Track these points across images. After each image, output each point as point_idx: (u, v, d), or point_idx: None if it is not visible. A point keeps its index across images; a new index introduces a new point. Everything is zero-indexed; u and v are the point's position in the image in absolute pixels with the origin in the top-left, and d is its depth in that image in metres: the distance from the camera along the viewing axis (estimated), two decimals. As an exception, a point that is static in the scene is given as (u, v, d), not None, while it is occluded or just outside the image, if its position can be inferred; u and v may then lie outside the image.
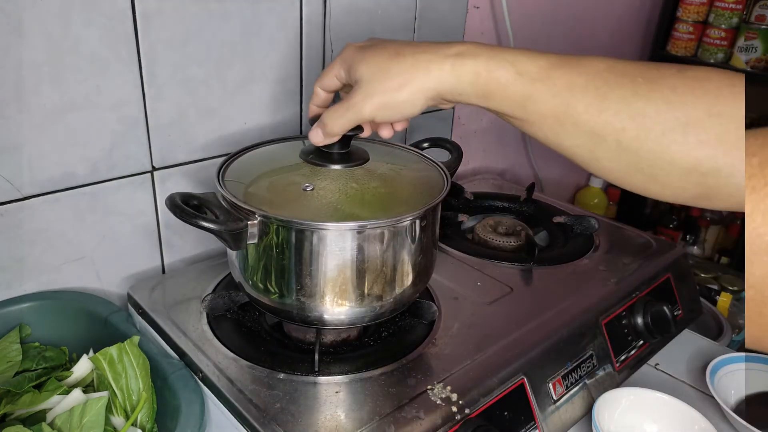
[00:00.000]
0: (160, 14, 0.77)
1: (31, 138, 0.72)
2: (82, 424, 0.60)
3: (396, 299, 0.68)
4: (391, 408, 0.62)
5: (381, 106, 0.57)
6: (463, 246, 0.96)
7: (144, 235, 0.86)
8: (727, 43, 1.71)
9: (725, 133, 0.45)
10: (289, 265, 0.64)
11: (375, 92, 0.56)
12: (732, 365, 0.84)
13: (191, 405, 0.63)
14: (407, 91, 0.55)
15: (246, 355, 0.69)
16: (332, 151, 0.68)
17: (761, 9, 1.65)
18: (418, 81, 0.54)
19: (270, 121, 0.94)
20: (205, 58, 0.83)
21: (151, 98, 0.79)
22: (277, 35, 0.89)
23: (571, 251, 0.97)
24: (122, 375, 0.66)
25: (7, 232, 0.73)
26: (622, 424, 0.74)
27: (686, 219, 1.98)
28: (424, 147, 0.89)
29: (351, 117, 0.59)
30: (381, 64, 0.56)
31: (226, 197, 0.64)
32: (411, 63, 0.55)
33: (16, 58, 0.68)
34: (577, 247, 0.99)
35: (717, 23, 1.71)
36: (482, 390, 0.66)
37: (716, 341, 1.05)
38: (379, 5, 1.01)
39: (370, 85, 0.56)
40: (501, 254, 0.95)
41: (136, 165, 0.82)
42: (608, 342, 0.82)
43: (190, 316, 0.76)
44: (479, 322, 0.77)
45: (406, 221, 0.65)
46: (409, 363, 0.69)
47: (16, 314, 0.74)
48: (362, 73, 0.57)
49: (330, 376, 0.66)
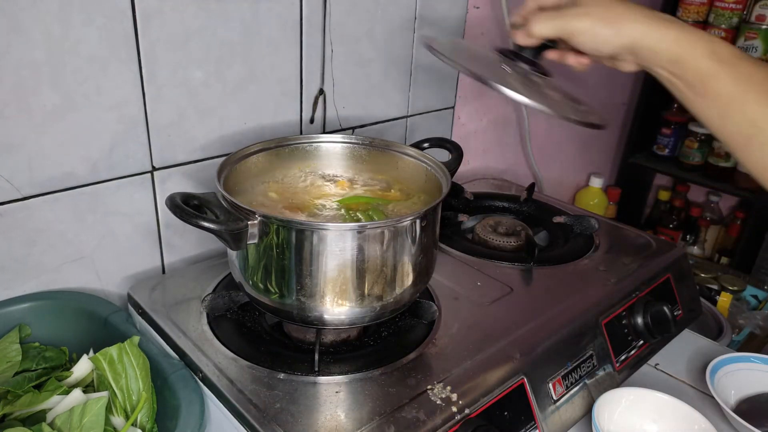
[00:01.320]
0: (160, 14, 0.77)
1: (31, 138, 0.72)
2: (82, 424, 0.60)
3: (396, 299, 0.68)
4: (391, 408, 0.62)
5: (588, 27, 0.61)
6: (463, 246, 0.96)
7: (144, 235, 0.86)
8: (727, 43, 1.71)
9: None
10: (289, 265, 0.64)
11: (590, 13, 0.61)
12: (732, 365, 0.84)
13: (191, 405, 0.63)
14: (615, 27, 0.60)
15: (246, 355, 0.69)
16: (523, 54, 0.69)
17: (761, 9, 1.65)
18: (628, 25, 0.60)
19: (270, 121, 0.94)
20: (205, 58, 0.83)
21: (151, 98, 0.79)
22: (277, 35, 0.89)
23: (571, 251, 0.97)
24: (122, 375, 0.66)
25: (7, 232, 0.73)
26: (622, 424, 0.74)
27: (686, 219, 1.98)
28: (424, 147, 0.89)
29: (558, 24, 0.63)
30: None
31: (226, 197, 0.64)
32: (630, 10, 0.61)
33: (16, 58, 0.68)
34: (577, 247, 0.99)
35: (717, 23, 1.71)
36: (482, 390, 0.66)
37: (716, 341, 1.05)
38: (379, 5, 1.01)
39: (589, 7, 0.62)
40: (501, 254, 0.95)
41: (136, 165, 0.82)
42: (608, 342, 0.82)
43: (190, 316, 0.76)
44: (479, 322, 0.77)
45: (406, 221, 0.65)
46: (409, 363, 0.69)
47: (16, 314, 0.74)
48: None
49: (330, 376, 0.66)
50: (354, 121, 1.06)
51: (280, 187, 0.80)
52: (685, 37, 0.58)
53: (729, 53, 0.57)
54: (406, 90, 1.13)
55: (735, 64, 0.57)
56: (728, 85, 0.56)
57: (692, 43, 0.58)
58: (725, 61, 0.57)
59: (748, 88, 0.56)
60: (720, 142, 0.59)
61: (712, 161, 1.83)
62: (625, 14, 0.61)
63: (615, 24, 0.61)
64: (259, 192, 0.78)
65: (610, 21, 0.61)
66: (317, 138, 0.84)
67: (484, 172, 1.44)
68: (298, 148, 0.83)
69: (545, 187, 1.65)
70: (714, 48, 0.57)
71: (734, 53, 0.57)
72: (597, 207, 1.79)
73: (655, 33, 0.59)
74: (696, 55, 0.58)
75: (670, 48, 0.59)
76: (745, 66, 0.57)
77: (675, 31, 0.59)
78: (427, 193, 0.78)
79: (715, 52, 0.57)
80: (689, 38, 0.58)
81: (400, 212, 0.76)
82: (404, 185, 0.83)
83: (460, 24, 1.19)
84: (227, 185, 0.69)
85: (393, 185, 0.83)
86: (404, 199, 0.80)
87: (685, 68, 0.58)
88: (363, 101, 1.06)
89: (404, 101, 1.14)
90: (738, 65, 0.57)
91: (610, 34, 0.61)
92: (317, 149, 0.84)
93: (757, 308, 1.47)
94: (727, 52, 0.57)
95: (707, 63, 0.57)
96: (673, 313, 0.86)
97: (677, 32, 0.59)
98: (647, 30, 0.60)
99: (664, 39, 0.59)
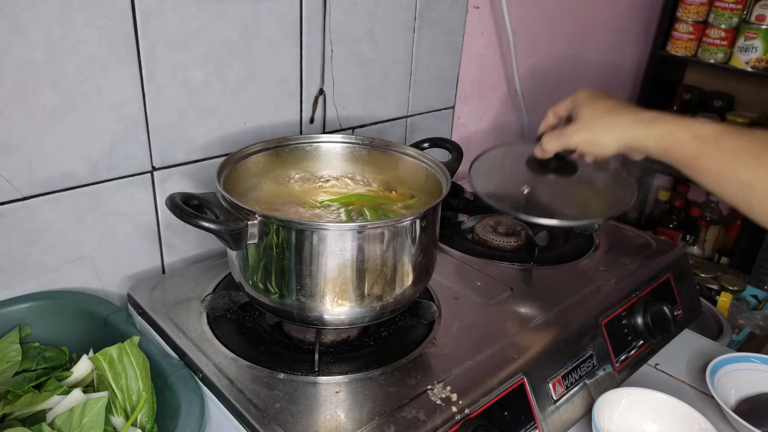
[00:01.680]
0: (160, 14, 0.77)
1: (31, 138, 0.72)
2: (82, 424, 0.60)
3: (396, 299, 0.68)
4: (391, 408, 0.62)
5: (585, 140, 0.74)
6: (463, 246, 0.96)
7: (144, 235, 0.86)
8: (727, 43, 1.71)
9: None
10: (289, 265, 0.64)
11: (585, 129, 0.74)
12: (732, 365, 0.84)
13: (191, 405, 0.63)
14: (609, 136, 0.72)
15: (246, 355, 0.69)
16: (548, 163, 0.81)
17: (761, 9, 1.65)
18: (618, 131, 0.71)
19: (270, 121, 0.94)
20: (205, 58, 0.83)
21: (151, 98, 0.79)
22: (277, 35, 0.89)
23: (571, 251, 0.97)
24: (122, 375, 0.66)
25: (7, 232, 0.73)
26: (622, 424, 0.74)
27: (686, 219, 1.98)
28: (424, 147, 0.89)
29: (561, 142, 0.76)
30: (597, 113, 0.74)
31: (226, 197, 0.64)
32: (618, 119, 0.72)
33: (16, 58, 0.68)
34: (577, 247, 0.99)
35: (717, 23, 1.71)
36: (482, 390, 0.66)
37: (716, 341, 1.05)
38: (379, 5, 1.01)
39: (584, 124, 0.74)
40: (501, 254, 0.95)
41: (136, 165, 0.82)
42: (608, 342, 0.82)
43: (190, 316, 0.75)
44: (479, 322, 0.77)
45: (406, 221, 0.65)
46: (409, 363, 0.69)
47: (16, 314, 0.74)
48: (583, 113, 0.75)
49: (330, 376, 0.66)
50: (354, 121, 1.06)
51: (280, 187, 0.80)
52: (668, 130, 0.67)
53: (710, 132, 0.65)
54: (406, 90, 1.13)
55: (718, 140, 0.64)
56: (716, 159, 0.64)
57: (675, 134, 0.67)
58: (709, 140, 0.64)
59: (734, 158, 0.62)
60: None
61: (712, 161, 1.83)
62: (614, 124, 0.72)
63: (607, 133, 0.72)
64: (259, 192, 0.78)
65: (603, 131, 0.72)
66: (317, 138, 0.84)
67: (484, 172, 1.44)
68: (298, 148, 0.83)
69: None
70: (696, 131, 0.65)
71: (715, 130, 0.64)
72: (597, 207, 1.79)
73: (642, 133, 0.69)
74: (681, 142, 0.66)
75: (658, 142, 0.68)
76: (728, 140, 0.63)
77: (658, 127, 0.68)
78: (427, 193, 0.78)
79: (698, 135, 0.65)
80: (672, 129, 0.67)
81: (399, 212, 0.76)
82: (404, 185, 0.83)
83: (460, 24, 1.19)
84: (227, 185, 0.69)
85: (393, 185, 0.83)
86: (404, 199, 0.80)
87: (675, 155, 0.67)
88: (363, 101, 1.06)
89: (404, 101, 1.14)
90: (721, 141, 0.64)
91: (606, 143, 0.72)
92: (317, 149, 0.84)
93: (757, 308, 1.47)
94: (709, 132, 0.65)
95: (692, 146, 0.65)
96: (673, 313, 0.86)
97: (661, 128, 0.68)
98: (634, 132, 0.70)
99: (651, 137, 0.68)
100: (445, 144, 0.89)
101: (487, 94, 1.36)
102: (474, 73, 1.30)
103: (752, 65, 1.69)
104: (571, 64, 1.58)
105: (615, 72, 1.78)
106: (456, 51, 1.21)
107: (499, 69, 1.37)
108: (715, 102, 1.95)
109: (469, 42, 1.24)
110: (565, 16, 1.49)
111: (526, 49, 1.41)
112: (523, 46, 1.38)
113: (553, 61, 1.51)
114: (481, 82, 1.33)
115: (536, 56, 1.45)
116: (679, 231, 1.98)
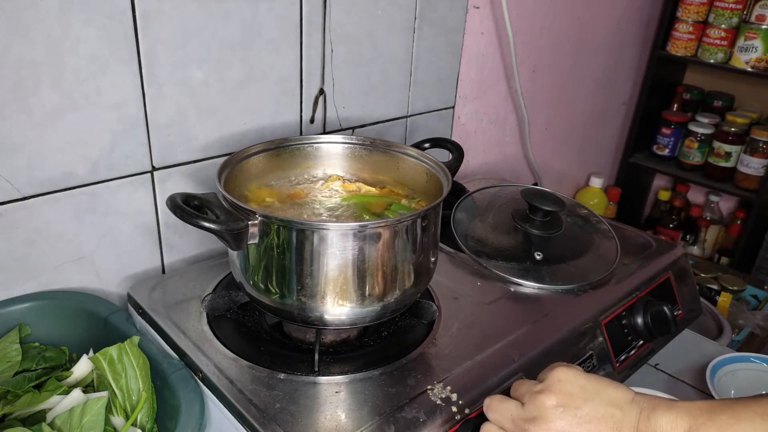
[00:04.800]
0: (160, 14, 0.77)
1: (31, 138, 0.72)
2: (82, 424, 0.60)
3: (397, 299, 0.68)
4: (391, 408, 0.62)
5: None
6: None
7: (144, 235, 0.86)
8: (727, 43, 1.71)
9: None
10: (289, 266, 0.64)
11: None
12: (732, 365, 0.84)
13: (191, 405, 0.63)
14: None
15: (246, 355, 0.69)
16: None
17: (761, 9, 1.65)
18: None
19: (270, 121, 0.94)
20: (205, 58, 0.83)
21: (150, 98, 0.79)
22: (277, 35, 0.89)
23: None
24: (122, 375, 0.66)
25: (7, 232, 0.73)
26: (622, 424, 0.74)
27: (686, 219, 1.98)
28: (425, 147, 0.89)
29: None
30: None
31: (227, 197, 0.64)
32: None
33: (16, 58, 0.68)
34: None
35: (717, 23, 1.71)
36: (482, 390, 0.66)
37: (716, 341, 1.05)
38: (379, 5, 1.01)
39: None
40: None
41: (136, 165, 0.82)
42: (608, 342, 0.82)
43: (190, 316, 0.75)
44: (479, 322, 0.77)
45: (407, 221, 0.65)
46: (409, 363, 0.69)
47: (16, 314, 0.74)
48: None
49: (330, 376, 0.66)
50: (354, 121, 1.06)
51: (281, 188, 0.80)
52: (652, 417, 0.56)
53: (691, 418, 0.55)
54: (406, 90, 1.13)
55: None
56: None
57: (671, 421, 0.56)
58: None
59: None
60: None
61: (712, 161, 1.83)
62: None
63: None
64: (260, 192, 0.78)
65: None
66: (318, 139, 0.84)
67: (484, 172, 1.44)
68: (298, 148, 0.83)
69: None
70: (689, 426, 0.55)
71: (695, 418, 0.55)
72: (597, 207, 1.79)
73: None
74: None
75: None
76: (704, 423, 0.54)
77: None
78: (429, 194, 0.78)
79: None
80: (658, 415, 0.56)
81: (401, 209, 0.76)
82: (405, 185, 0.83)
83: (460, 24, 1.19)
84: (228, 185, 0.69)
85: (394, 186, 0.83)
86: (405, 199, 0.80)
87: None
88: (363, 101, 1.06)
89: (404, 101, 1.14)
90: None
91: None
92: (318, 150, 0.84)
93: (757, 308, 1.47)
94: (688, 419, 0.55)
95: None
96: (673, 313, 0.86)
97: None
98: None
99: None
100: (446, 144, 0.89)
101: (487, 94, 1.36)
102: (474, 73, 1.30)
103: (752, 65, 1.69)
104: (571, 63, 1.58)
105: (615, 72, 1.78)
106: (456, 51, 1.21)
107: (499, 69, 1.37)
108: (715, 102, 1.95)
109: (469, 42, 1.24)
110: (565, 16, 1.49)
111: (526, 49, 1.41)
112: (523, 46, 1.38)
113: (553, 61, 1.52)
114: (481, 82, 1.33)
115: (536, 56, 1.45)
116: (679, 231, 1.98)
